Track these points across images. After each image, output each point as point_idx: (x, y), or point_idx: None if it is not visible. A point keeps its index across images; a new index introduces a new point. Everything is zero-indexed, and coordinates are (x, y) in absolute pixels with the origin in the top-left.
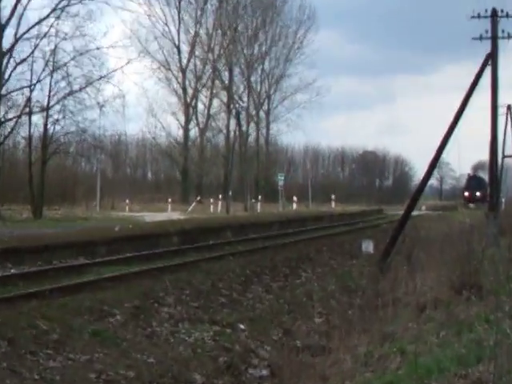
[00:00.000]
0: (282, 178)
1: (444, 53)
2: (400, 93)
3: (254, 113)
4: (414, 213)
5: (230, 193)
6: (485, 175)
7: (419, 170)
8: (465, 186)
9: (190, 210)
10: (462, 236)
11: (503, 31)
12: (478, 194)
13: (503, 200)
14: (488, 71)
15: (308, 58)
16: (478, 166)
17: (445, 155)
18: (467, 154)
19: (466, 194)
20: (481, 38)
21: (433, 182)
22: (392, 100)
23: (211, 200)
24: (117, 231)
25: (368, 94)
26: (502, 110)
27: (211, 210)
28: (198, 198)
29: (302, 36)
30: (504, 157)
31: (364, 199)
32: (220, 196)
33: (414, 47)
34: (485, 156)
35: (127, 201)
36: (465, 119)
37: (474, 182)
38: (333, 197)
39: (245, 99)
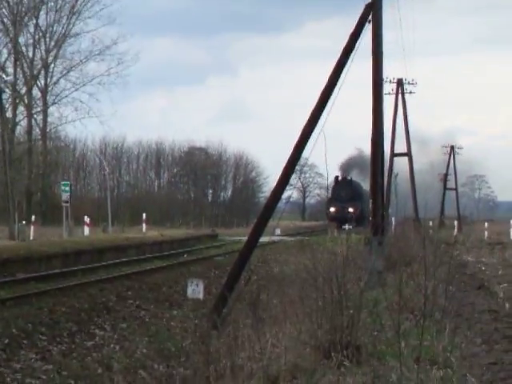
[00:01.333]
0: (68, 188)
1: (305, 4)
2: (244, 61)
3: (24, 91)
4: (264, 239)
5: None
6: (362, 180)
7: (272, 175)
8: (330, 196)
9: None
10: (331, 273)
11: None
12: (350, 209)
13: (393, 219)
14: (369, 31)
15: (105, 10)
16: (349, 165)
17: (307, 154)
18: (341, 153)
19: (332, 209)
20: None
21: (292, 193)
22: (232, 71)
23: None
24: None
25: (198, 63)
26: (390, 88)
27: None
28: None
29: None
30: (394, 155)
31: (190, 219)
32: None
33: None
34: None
35: None
36: (337, 101)
37: (344, 189)
38: (144, 216)
39: (10, 70)
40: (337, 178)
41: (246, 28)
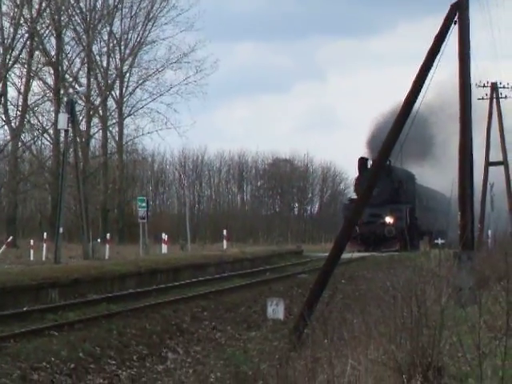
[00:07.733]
0: (144, 204)
1: (397, 4)
2: (333, 66)
3: (98, 102)
4: (353, 255)
5: (61, 230)
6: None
7: None
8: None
9: None
10: (410, 291)
11: None
12: (388, 219)
13: (489, 232)
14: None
15: (182, 15)
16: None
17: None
18: None
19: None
20: None
21: None
22: (320, 77)
23: (31, 242)
24: None
25: (282, 69)
26: (483, 92)
27: (31, 257)
28: (10, 239)
29: None
30: (489, 164)
31: (275, 235)
32: (45, 235)
33: None
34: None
35: None
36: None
37: (377, 183)
38: (225, 233)
39: (83, 80)
40: (362, 161)
41: (335, 30)
